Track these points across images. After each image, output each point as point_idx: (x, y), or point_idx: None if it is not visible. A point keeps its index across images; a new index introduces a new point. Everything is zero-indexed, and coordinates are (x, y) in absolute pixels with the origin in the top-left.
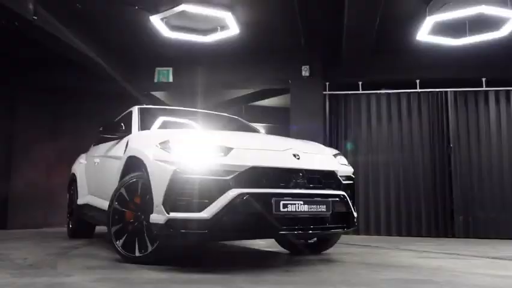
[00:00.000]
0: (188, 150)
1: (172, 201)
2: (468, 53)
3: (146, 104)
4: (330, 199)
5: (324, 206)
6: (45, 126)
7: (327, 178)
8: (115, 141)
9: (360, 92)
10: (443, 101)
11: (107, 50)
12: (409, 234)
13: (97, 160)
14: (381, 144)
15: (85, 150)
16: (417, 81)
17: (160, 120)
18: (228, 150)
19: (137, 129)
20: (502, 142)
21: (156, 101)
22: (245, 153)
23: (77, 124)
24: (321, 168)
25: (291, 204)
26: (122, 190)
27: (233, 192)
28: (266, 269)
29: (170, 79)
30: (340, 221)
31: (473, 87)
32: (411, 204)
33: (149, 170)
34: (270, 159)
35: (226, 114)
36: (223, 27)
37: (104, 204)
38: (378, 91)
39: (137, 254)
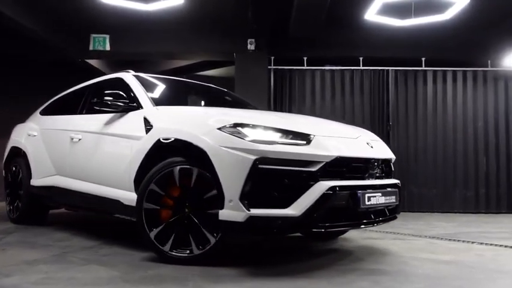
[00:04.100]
0: (267, 137)
1: (252, 196)
2: (411, 33)
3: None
4: (396, 189)
5: (394, 197)
6: None
7: (387, 166)
8: (113, 115)
9: (305, 67)
10: (384, 79)
11: (40, 14)
12: None
13: (79, 136)
14: None
15: (18, 120)
16: (361, 58)
17: (159, 91)
18: (308, 137)
19: (149, 103)
20: (437, 120)
21: (91, 69)
22: (326, 142)
23: (7, 93)
24: (386, 156)
25: (373, 196)
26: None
27: (322, 186)
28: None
29: (107, 47)
30: (394, 209)
31: (413, 67)
32: None
33: (213, 158)
34: (351, 148)
35: (217, 87)
36: None
37: (100, 190)
38: (323, 67)
39: (195, 252)
